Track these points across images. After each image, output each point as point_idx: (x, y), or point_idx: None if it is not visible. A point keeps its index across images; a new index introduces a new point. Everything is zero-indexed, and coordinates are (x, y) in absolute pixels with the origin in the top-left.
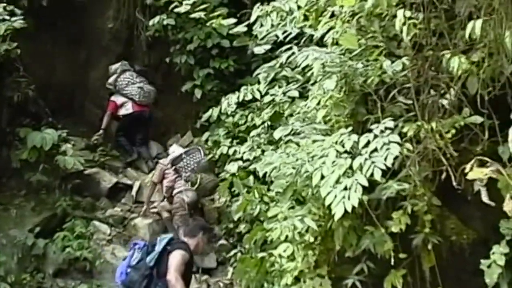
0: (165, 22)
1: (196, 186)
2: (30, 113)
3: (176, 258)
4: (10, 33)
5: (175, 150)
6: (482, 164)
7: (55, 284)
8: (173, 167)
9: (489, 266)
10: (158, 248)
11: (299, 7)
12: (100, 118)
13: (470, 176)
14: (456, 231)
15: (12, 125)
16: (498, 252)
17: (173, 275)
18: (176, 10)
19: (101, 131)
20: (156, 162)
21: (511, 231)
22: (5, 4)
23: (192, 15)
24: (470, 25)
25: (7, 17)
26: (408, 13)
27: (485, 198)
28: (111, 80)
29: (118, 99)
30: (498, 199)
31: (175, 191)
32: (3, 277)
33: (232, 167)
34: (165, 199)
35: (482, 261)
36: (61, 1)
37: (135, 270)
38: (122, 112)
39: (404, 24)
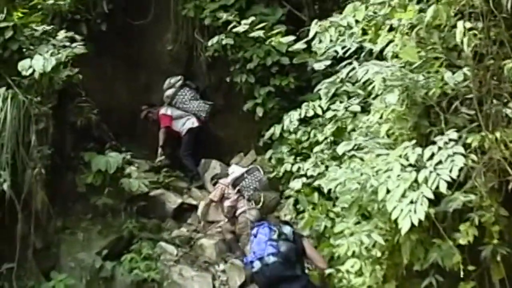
0: (224, 42)
1: (260, 205)
2: (94, 137)
3: (311, 243)
4: (71, 59)
5: (234, 170)
6: None
7: None
8: (235, 187)
9: None
10: (288, 229)
11: (357, 22)
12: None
13: None
14: None
15: (76, 149)
16: None
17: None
18: (234, 30)
19: (160, 150)
20: (216, 181)
21: None
22: (65, 31)
23: (251, 34)
24: None
25: (67, 44)
26: (468, 24)
27: None
28: (169, 92)
29: (172, 113)
30: None
31: (238, 211)
32: None
33: (296, 184)
34: (227, 220)
35: None
36: (120, 25)
37: (284, 241)
38: (187, 126)
39: (464, 35)
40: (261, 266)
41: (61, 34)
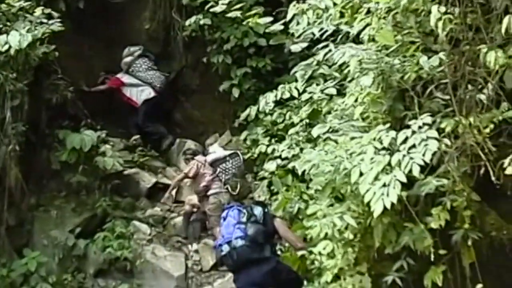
0: (201, 22)
1: (236, 191)
2: (69, 115)
3: (284, 224)
4: (48, 36)
5: (216, 150)
6: None
7: (96, 284)
8: (214, 168)
9: None
10: (259, 210)
11: (335, 4)
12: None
13: (508, 171)
14: (496, 227)
15: (51, 127)
16: None
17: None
18: (212, 9)
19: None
20: (189, 157)
21: None
22: (42, 8)
23: (228, 15)
24: (506, 20)
25: (44, 21)
26: (443, 8)
27: None
28: (127, 60)
29: (127, 80)
30: None
31: (211, 192)
32: (44, 278)
33: (270, 166)
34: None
35: None
36: (98, 3)
37: (253, 224)
38: (142, 97)
39: (439, 19)
40: (229, 250)
41: (38, 10)
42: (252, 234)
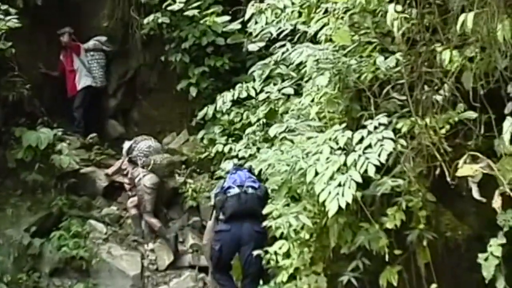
0: (159, 21)
1: (149, 167)
2: (26, 112)
3: None
4: (5, 33)
5: (125, 143)
6: (474, 159)
7: (51, 283)
8: (128, 158)
9: (486, 259)
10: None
11: (293, 4)
12: None
13: (460, 173)
14: (451, 227)
15: (8, 124)
16: (495, 244)
17: None
18: (170, 8)
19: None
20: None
21: (508, 222)
22: None
23: (186, 13)
24: (461, 18)
25: (1, 17)
26: (399, 8)
27: (476, 194)
28: (90, 44)
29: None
30: (492, 195)
31: (136, 180)
32: None
33: (227, 165)
34: (130, 195)
35: (479, 255)
36: (56, 0)
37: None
38: (83, 83)
39: (395, 19)
40: (239, 192)
41: None
42: (261, 191)
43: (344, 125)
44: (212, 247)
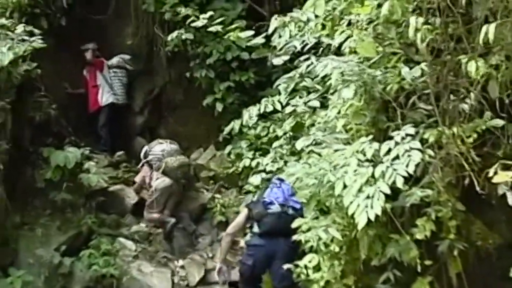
0: (183, 37)
1: (160, 170)
2: (53, 132)
3: None
4: (30, 54)
5: (143, 149)
6: (506, 167)
7: None
8: (146, 162)
9: None
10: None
11: (316, 17)
12: None
13: (495, 180)
14: (482, 236)
15: (35, 144)
16: None
17: None
18: (193, 24)
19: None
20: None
21: None
22: (24, 25)
23: (210, 29)
24: (483, 30)
25: (26, 38)
26: (422, 19)
27: (511, 201)
28: (114, 61)
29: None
30: None
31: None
32: None
33: (255, 179)
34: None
35: None
36: (80, 20)
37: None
38: (107, 100)
39: (418, 30)
40: (281, 212)
41: (20, 28)
42: (301, 212)
43: (371, 136)
44: (244, 262)
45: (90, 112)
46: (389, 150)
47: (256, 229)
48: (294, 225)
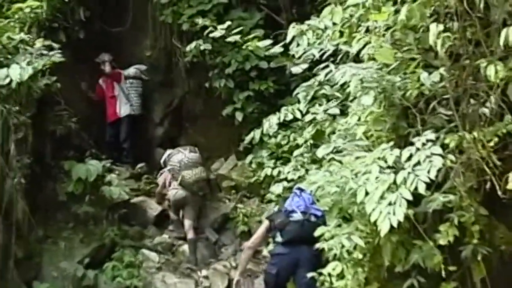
0: (202, 48)
1: (178, 182)
2: (73, 145)
3: None
4: (49, 68)
5: (163, 155)
6: None
7: None
8: (167, 169)
9: None
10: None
11: (334, 24)
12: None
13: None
14: (506, 240)
15: (56, 158)
16: None
17: None
18: (211, 35)
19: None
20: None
21: None
22: (42, 39)
23: (228, 39)
24: (503, 33)
25: (45, 52)
26: (441, 26)
27: None
28: (131, 71)
29: (115, 90)
30: None
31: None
32: None
33: (277, 188)
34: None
35: None
36: (98, 32)
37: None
38: (125, 111)
39: (438, 36)
40: (303, 220)
41: (39, 42)
42: (323, 219)
43: (391, 143)
44: (268, 271)
45: (108, 122)
46: (410, 156)
47: (279, 238)
48: (317, 233)
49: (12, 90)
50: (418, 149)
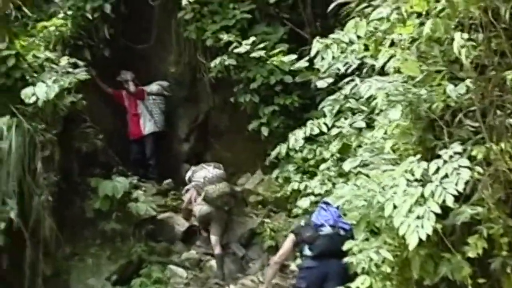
0: (226, 63)
1: (201, 198)
2: (100, 162)
3: None
4: (75, 85)
5: (187, 173)
6: None
7: None
8: (192, 185)
9: None
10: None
11: (358, 38)
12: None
13: None
14: None
15: (83, 175)
16: None
17: None
18: (236, 50)
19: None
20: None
21: None
22: (68, 57)
23: (252, 55)
24: None
25: (70, 70)
26: (465, 36)
27: None
28: (154, 88)
29: (138, 108)
30: None
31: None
32: None
33: (304, 203)
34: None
35: None
36: (123, 49)
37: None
38: (150, 128)
39: (462, 47)
40: (333, 233)
41: (64, 60)
42: (351, 233)
43: (418, 156)
44: (297, 285)
45: (131, 140)
46: (438, 169)
47: (307, 252)
48: (345, 247)
49: (38, 108)
50: (445, 162)
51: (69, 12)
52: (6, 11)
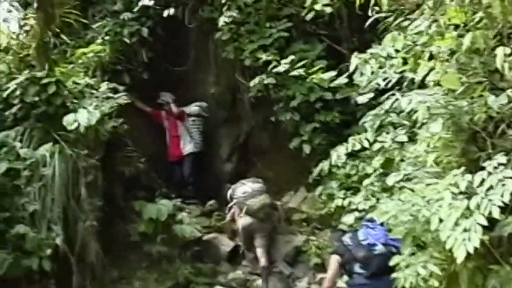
0: (265, 82)
1: (242, 213)
2: (143, 185)
3: None
4: (115, 110)
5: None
6: None
7: None
8: (233, 203)
9: None
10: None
11: (397, 51)
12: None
13: None
14: None
15: (127, 199)
16: None
17: None
18: (275, 70)
19: None
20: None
21: None
22: (107, 82)
23: (291, 73)
24: None
25: (110, 95)
26: (508, 49)
27: None
28: (194, 109)
29: (179, 129)
30: None
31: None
32: None
33: (348, 219)
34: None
35: None
36: (162, 72)
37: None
38: (189, 149)
39: (505, 61)
40: (386, 251)
41: (104, 85)
42: (401, 249)
43: (462, 168)
44: None
45: (171, 161)
46: (483, 181)
47: (358, 270)
48: (392, 262)
49: (80, 134)
50: (490, 173)
51: (107, 38)
52: (45, 39)
